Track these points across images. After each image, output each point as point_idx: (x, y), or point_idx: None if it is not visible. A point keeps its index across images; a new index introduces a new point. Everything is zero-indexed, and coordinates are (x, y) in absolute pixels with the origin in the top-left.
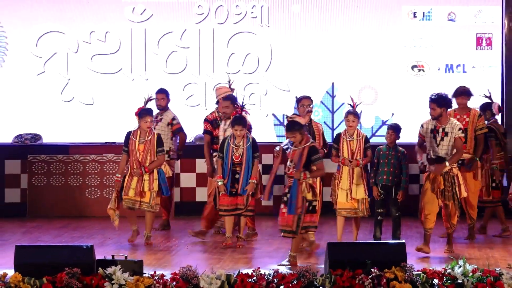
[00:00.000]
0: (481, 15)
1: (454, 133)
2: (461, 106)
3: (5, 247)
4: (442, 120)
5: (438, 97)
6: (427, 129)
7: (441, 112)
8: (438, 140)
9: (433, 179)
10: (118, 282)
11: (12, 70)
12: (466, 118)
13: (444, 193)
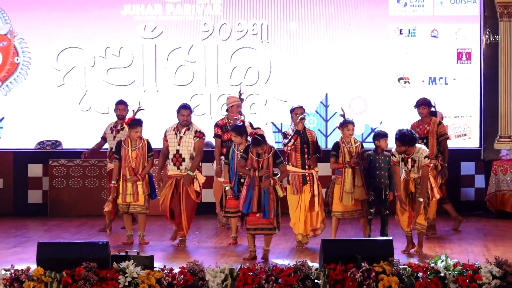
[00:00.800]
0: (461, 32)
1: (420, 161)
2: (422, 116)
3: (28, 243)
4: (408, 152)
5: (401, 136)
6: (399, 158)
7: (406, 149)
8: (409, 167)
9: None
10: (131, 275)
11: (35, 82)
12: (427, 127)
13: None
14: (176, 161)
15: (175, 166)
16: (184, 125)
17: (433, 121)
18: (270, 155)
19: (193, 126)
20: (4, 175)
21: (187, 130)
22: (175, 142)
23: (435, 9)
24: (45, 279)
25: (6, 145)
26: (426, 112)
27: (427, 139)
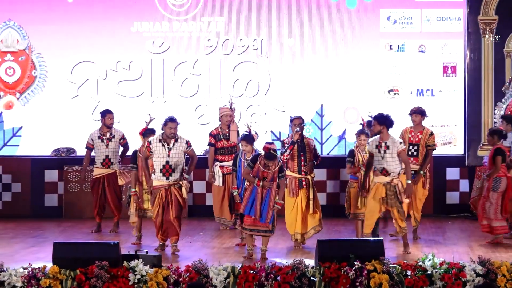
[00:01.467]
0: (447, 47)
1: (396, 147)
2: (415, 123)
3: (45, 243)
4: (383, 136)
5: (379, 116)
6: (372, 146)
7: (381, 129)
8: (382, 153)
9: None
10: (140, 273)
11: (51, 94)
12: (419, 135)
13: (387, 200)
14: (165, 172)
15: (164, 177)
16: (172, 137)
17: (426, 131)
18: (276, 168)
19: (180, 137)
20: (23, 180)
21: (175, 141)
22: (164, 154)
23: (422, 26)
24: (60, 276)
25: (24, 152)
26: (418, 120)
27: (418, 146)
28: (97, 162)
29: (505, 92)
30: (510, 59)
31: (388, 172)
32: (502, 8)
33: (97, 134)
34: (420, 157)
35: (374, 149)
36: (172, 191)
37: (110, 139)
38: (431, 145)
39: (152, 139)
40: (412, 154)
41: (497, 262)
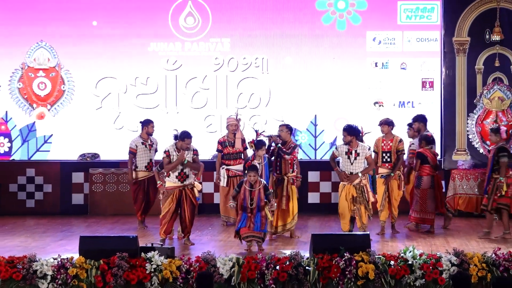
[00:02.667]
0: (425, 64)
1: (365, 153)
2: (384, 133)
3: (72, 237)
4: (352, 144)
5: (348, 127)
6: (341, 152)
7: (351, 139)
8: (352, 160)
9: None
10: (156, 263)
11: (78, 106)
12: (390, 143)
13: (356, 199)
14: (181, 178)
15: (179, 181)
16: (186, 149)
17: (395, 139)
18: (261, 186)
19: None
20: (53, 182)
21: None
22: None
23: (404, 46)
24: (86, 266)
25: (54, 157)
26: (386, 130)
27: (390, 153)
28: (140, 166)
29: (476, 104)
30: (481, 75)
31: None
32: (474, 31)
33: (140, 140)
34: (391, 162)
35: (344, 155)
36: (186, 192)
37: (151, 145)
38: (400, 151)
39: (169, 149)
40: (386, 161)
41: (470, 254)
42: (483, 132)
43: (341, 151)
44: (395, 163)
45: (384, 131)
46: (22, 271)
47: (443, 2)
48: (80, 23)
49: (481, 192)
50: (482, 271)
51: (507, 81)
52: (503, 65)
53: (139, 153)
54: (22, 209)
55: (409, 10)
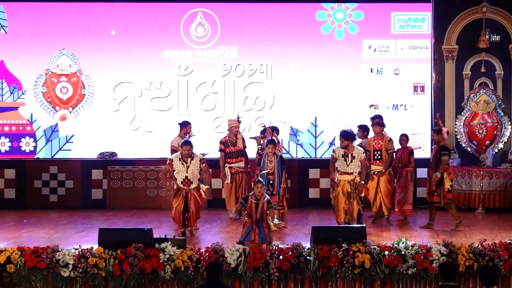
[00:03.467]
0: (417, 70)
1: (360, 156)
2: (376, 133)
3: (92, 229)
4: (349, 148)
5: (345, 133)
6: (339, 154)
7: (348, 144)
8: (348, 162)
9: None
10: (169, 253)
11: (97, 108)
12: (381, 142)
13: (350, 194)
14: (185, 184)
15: (184, 187)
16: (188, 156)
17: (386, 138)
18: (265, 200)
19: (195, 155)
20: (74, 178)
21: (191, 160)
22: (183, 171)
23: (397, 53)
24: (104, 256)
25: (75, 155)
26: (378, 130)
27: (381, 151)
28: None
29: (464, 107)
30: (468, 80)
31: (350, 172)
32: (462, 39)
33: (179, 140)
34: (384, 160)
35: (341, 157)
36: (191, 192)
37: None
38: (390, 149)
39: (173, 157)
40: (377, 158)
41: (458, 244)
42: (470, 133)
43: (338, 153)
44: (386, 160)
45: (376, 131)
46: (46, 260)
47: (433, 13)
48: (99, 32)
49: (468, 188)
50: (469, 261)
51: (492, 85)
52: (489, 71)
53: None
54: (46, 204)
55: (402, 20)
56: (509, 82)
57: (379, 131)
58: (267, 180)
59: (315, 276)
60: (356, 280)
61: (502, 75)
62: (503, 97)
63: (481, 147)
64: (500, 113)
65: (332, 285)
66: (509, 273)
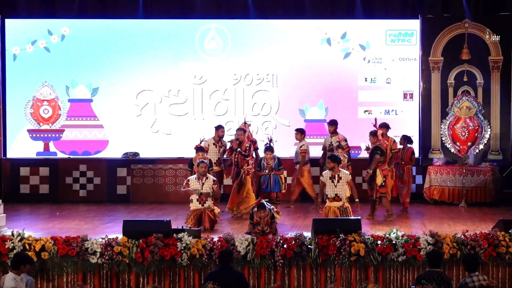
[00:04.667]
0: (406, 79)
1: (346, 178)
2: (382, 134)
3: (117, 221)
4: (335, 170)
5: (332, 156)
6: (326, 177)
7: (334, 166)
8: (336, 183)
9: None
10: (185, 242)
11: (121, 114)
12: (386, 142)
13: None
14: (201, 201)
15: (200, 204)
16: (203, 175)
17: (390, 140)
18: (268, 216)
19: (209, 176)
20: (101, 175)
21: (206, 179)
22: (199, 188)
23: (388, 64)
24: (128, 244)
25: (102, 155)
26: (384, 131)
27: (386, 150)
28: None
29: (448, 112)
30: (452, 88)
31: (339, 198)
32: (446, 52)
33: (212, 141)
34: (387, 158)
35: (328, 180)
36: (206, 213)
37: (221, 146)
38: (394, 149)
39: (190, 178)
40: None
41: (443, 235)
42: (454, 135)
43: (326, 177)
44: (390, 159)
45: (381, 133)
46: (76, 248)
47: (421, 28)
48: (124, 46)
49: (455, 184)
50: (453, 249)
51: (473, 93)
52: (470, 80)
53: (210, 152)
54: (76, 198)
55: (393, 34)
56: (489, 90)
57: (385, 133)
58: (275, 179)
59: (316, 263)
60: (352, 266)
61: (482, 84)
62: (483, 103)
63: (463, 148)
64: (481, 117)
65: (331, 271)
66: (488, 260)
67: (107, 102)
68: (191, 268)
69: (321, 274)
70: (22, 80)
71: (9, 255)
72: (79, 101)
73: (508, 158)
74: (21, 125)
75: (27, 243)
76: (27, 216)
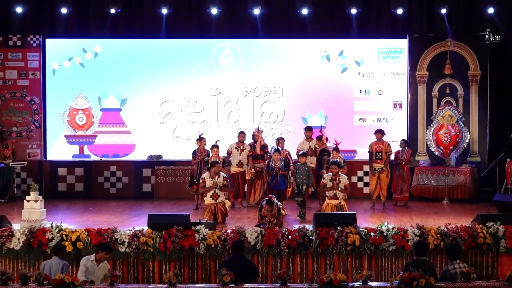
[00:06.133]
0: (396, 91)
1: (344, 181)
2: (378, 139)
3: (143, 215)
4: (337, 175)
5: (337, 162)
6: (327, 180)
7: (339, 171)
8: (337, 183)
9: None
10: (202, 234)
11: (147, 121)
12: (381, 146)
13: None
14: (214, 197)
15: (213, 200)
16: (217, 173)
17: (385, 143)
18: (275, 210)
19: (221, 174)
20: (129, 175)
21: (217, 177)
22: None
23: (380, 77)
24: (152, 235)
25: (130, 158)
26: (379, 136)
27: (381, 153)
28: (233, 163)
29: (433, 120)
30: (436, 99)
31: (337, 197)
32: (431, 67)
33: (234, 145)
34: (383, 159)
35: (329, 182)
36: (218, 207)
37: (243, 149)
38: (389, 152)
39: (205, 176)
40: (378, 158)
41: (428, 227)
42: (437, 140)
43: (327, 179)
44: (385, 160)
45: (378, 138)
46: (107, 239)
47: (408, 46)
48: (149, 63)
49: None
50: (437, 240)
51: (455, 103)
52: (452, 92)
53: (233, 155)
54: (107, 195)
55: (384, 52)
56: (468, 101)
57: (380, 137)
58: (282, 176)
59: (317, 252)
60: (349, 255)
61: (462, 95)
62: (463, 112)
63: (446, 151)
64: (461, 124)
65: (330, 259)
66: (468, 250)
67: (134, 111)
68: (208, 256)
69: (321, 261)
70: (60, 92)
71: (48, 244)
72: (109, 110)
73: (485, 160)
74: (59, 131)
75: (64, 234)
76: (64, 210)
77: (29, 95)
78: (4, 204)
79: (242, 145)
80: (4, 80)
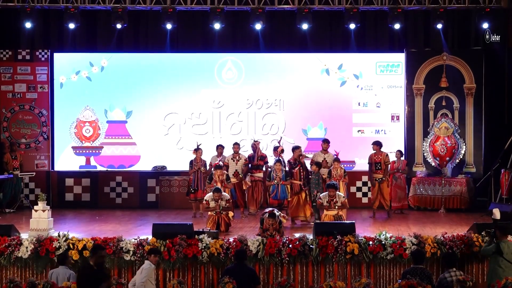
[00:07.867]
0: (393, 104)
1: (341, 200)
2: (376, 151)
3: (147, 224)
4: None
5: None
6: (324, 200)
7: (335, 192)
8: (333, 204)
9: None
10: (205, 243)
11: (151, 133)
12: (380, 157)
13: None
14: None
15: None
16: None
17: (384, 154)
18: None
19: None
20: (134, 185)
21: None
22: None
23: (378, 91)
24: (157, 244)
25: (135, 168)
26: (377, 148)
27: (380, 164)
28: (229, 174)
29: (429, 131)
30: (432, 111)
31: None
32: (427, 80)
33: (230, 157)
34: (382, 169)
35: (326, 203)
36: (222, 217)
37: (238, 159)
38: (387, 162)
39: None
40: (378, 168)
41: (425, 236)
42: (434, 151)
43: (324, 199)
44: (385, 170)
45: (375, 149)
46: (113, 247)
47: (405, 60)
48: (153, 76)
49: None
50: (434, 249)
51: (451, 115)
52: (448, 104)
53: (230, 165)
54: (112, 204)
55: (382, 66)
56: (464, 113)
57: (378, 149)
58: (283, 187)
59: (317, 260)
60: (348, 263)
61: (458, 107)
62: (459, 124)
63: (442, 162)
64: (457, 136)
65: (330, 267)
66: (464, 258)
67: (139, 123)
68: (210, 265)
69: (321, 270)
70: (68, 104)
71: (56, 253)
72: (115, 122)
73: (480, 171)
74: (66, 142)
75: (71, 243)
76: (71, 220)
77: (37, 107)
78: (13, 214)
79: (237, 156)
80: (14, 93)
